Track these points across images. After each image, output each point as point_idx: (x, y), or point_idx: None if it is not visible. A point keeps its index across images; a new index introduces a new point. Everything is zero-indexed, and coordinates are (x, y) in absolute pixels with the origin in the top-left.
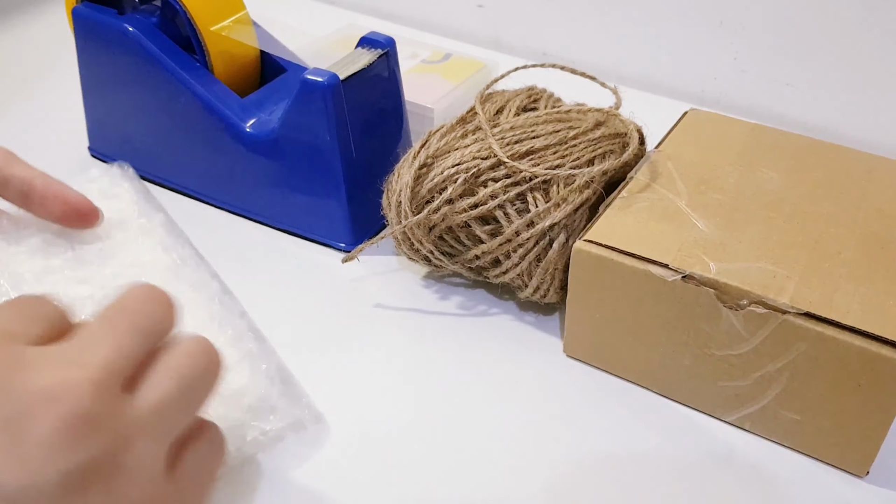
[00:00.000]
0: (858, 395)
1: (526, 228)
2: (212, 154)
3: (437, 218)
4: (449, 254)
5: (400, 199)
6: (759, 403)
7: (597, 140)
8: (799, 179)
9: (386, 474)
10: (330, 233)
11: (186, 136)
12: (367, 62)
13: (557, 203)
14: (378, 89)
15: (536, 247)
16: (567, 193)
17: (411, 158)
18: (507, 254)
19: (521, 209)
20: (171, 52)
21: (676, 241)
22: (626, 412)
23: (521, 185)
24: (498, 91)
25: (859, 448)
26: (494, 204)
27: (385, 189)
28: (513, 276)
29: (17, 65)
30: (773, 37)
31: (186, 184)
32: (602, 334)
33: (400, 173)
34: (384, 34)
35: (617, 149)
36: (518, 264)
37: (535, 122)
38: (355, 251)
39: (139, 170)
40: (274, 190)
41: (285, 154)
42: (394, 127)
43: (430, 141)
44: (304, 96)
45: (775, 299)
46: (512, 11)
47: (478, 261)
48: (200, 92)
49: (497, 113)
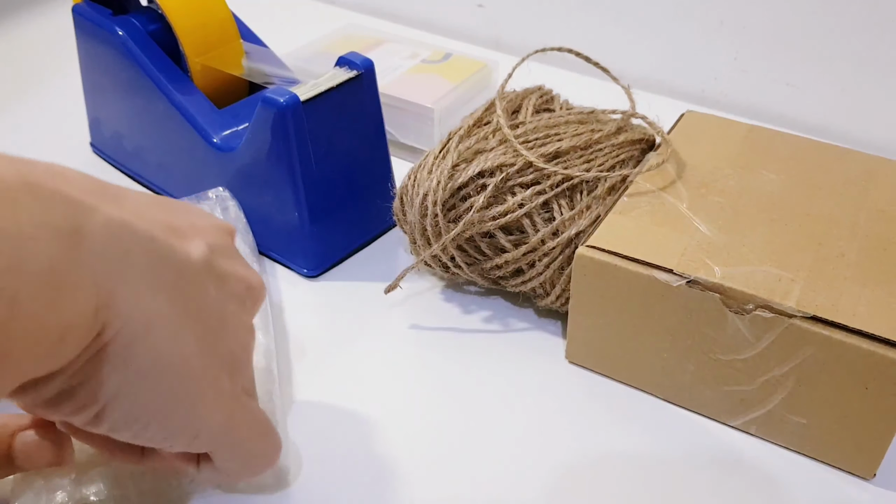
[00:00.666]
0: (865, 398)
1: (552, 237)
2: (186, 163)
3: (463, 227)
4: (467, 263)
5: (426, 205)
6: (765, 407)
7: (619, 145)
8: (799, 181)
9: (387, 475)
10: (292, 256)
11: (165, 142)
12: (334, 84)
13: (582, 210)
14: (350, 111)
15: (562, 255)
16: (591, 201)
17: (432, 160)
18: (531, 263)
19: (547, 217)
20: (155, 58)
21: (680, 246)
22: (630, 417)
23: (547, 193)
24: (509, 91)
25: (866, 450)
26: (522, 212)
27: (400, 195)
28: (535, 285)
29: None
30: (773, 37)
31: (168, 189)
32: (605, 340)
33: (418, 177)
34: (363, 56)
35: (637, 154)
36: (542, 273)
37: (556, 123)
38: (396, 280)
39: (128, 169)
40: (240, 205)
41: (248, 171)
42: (372, 149)
43: (451, 144)
44: (264, 115)
45: (781, 303)
46: (512, 11)
47: (499, 270)
48: (177, 100)
49: (514, 113)
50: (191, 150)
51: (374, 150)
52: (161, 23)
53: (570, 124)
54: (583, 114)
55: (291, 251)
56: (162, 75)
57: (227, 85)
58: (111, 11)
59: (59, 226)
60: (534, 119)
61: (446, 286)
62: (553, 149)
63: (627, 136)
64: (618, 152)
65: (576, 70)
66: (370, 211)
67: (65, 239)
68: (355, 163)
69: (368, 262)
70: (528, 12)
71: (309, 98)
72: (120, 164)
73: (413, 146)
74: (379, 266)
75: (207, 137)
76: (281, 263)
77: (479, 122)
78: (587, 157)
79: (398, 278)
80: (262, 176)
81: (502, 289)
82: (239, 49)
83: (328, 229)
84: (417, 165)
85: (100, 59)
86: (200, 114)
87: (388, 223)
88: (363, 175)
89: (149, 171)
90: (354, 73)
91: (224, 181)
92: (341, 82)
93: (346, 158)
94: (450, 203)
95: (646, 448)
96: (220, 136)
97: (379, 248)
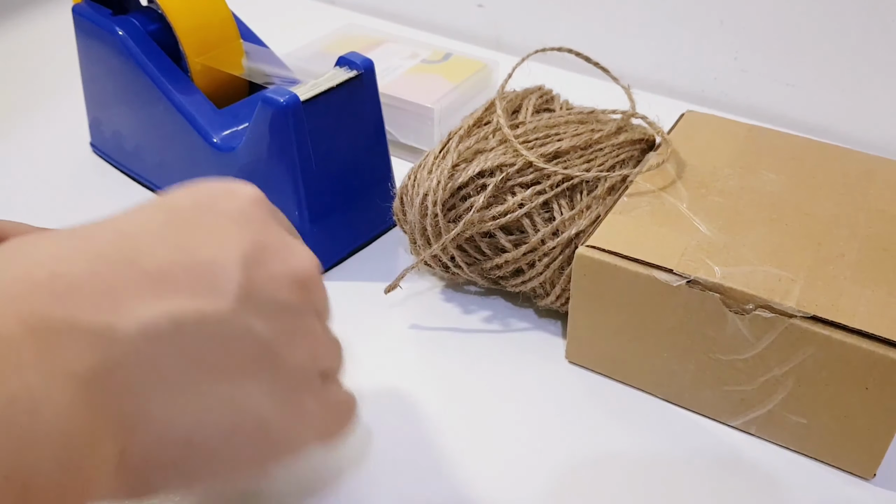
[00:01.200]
0: (865, 398)
1: (552, 237)
2: (185, 163)
3: (462, 227)
4: (467, 263)
5: (426, 205)
6: (765, 407)
7: (619, 145)
8: (799, 181)
9: (386, 475)
10: None
11: (164, 143)
12: (334, 84)
13: (582, 210)
14: (350, 111)
15: (562, 255)
16: (591, 201)
17: (433, 160)
18: (531, 263)
19: (547, 217)
20: (155, 58)
21: (680, 246)
22: (630, 418)
23: (547, 193)
24: (508, 91)
25: (866, 450)
26: (522, 212)
27: (400, 195)
28: (535, 285)
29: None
30: (773, 37)
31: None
32: (605, 340)
33: (418, 177)
34: (363, 56)
35: (637, 154)
36: (542, 273)
37: (557, 123)
38: (396, 280)
39: (128, 168)
40: None
41: (248, 171)
42: (372, 150)
43: (451, 144)
44: (264, 115)
45: (781, 303)
46: (512, 11)
47: (499, 270)
48: (177, 100)
49: (514, 113)
50: (190, 150)
51: (374, 150)
52: (161, 23)
53: (570, 124)
54: (583, 114)
55: None
56: (162, 75)
57: (227, 85)
58: (111, 11)
59: (73, 371)
60: (534, 119)
61: (446, 286)
62: (553, 149)
63: (627, 136)
64: (618, 152)
65: (576, 70)
66: (370, 211)
67: (82, 387)
68: (355, 163)
69: (368, 262)
70: (528, 12)
71: (309, 98)
72: (120, 164)
73: (413, 146)
74: (379, 266)
75: (207, 137)
76: None
77: (479, 122)
78: (587, 157)
79: (398, 278)
80: (262, 176)
81: (502, 289)
82: (239, 49)
83: (328, 229)
84: (418, 165)
85: (100, 59)
86: (200, 114)
87: (388, 223)
88: (363, 175)
89: (148, 171)
90: (354, 73)
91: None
92: (341, 82)
93: (346, 158)
94: (450, 203)
95: (646, 448)
96: (219, 136)
97: (379, 248)
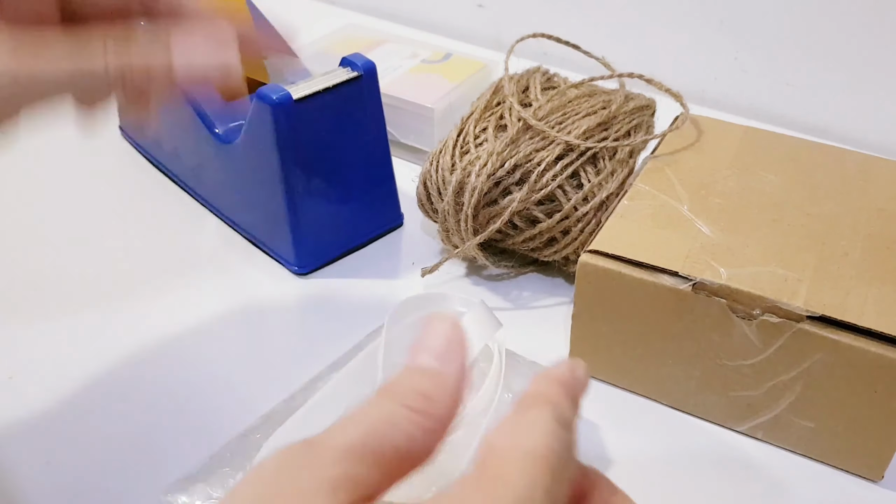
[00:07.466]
0: (874, 401)
1: (583, 202)
2: (193, 152)
3: (508, 215)
4: (495, 240)
5: (462, 201)
6: (773, 412)
7: (630, 112)
8: (798, 181)
9: None
10: (282, 252)
11: (176, 131)
12: (331, 84)
13: (608, 175)
14: (350, 112)
15: (595, 219)
16: (615, 165)
17: (452, 145)
18: (565, 230)
19: (576, 185)
20: None
21: (683, 248)
22: (635, 424)
23: (575, 164)
24: (510, 74)
25: (874, 453)
26: (555, 185)
27: (423, 180)
28: (569, 252)
29: None
30: (773, 37)
31: (181, 177)
32: (608, 347)
33: (440, 163)
34: (365, 57)
35: (646, 119)
36: (577, 238)
37: (568, 100)
38: (434, 266)
39: (149, 154)
40: (237, 197)
41: (245, 164)
42: (373, 151)
43: (468, 127)
44: (258, 111)
45: (789, 303)
46: (512, 11)
47: (532, 242)
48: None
49: (524, 91)
50: (197, 140)
51: (375, 151)
52: None
53: (580, 99)
54: (583, 86)
55: (282, 246)
56: None
57: None
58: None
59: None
60: (542, 97)
61: (448, 286)
62: (584, 128)
63: (635, 103)
64: (630, 118)
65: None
66: (372, 210)
67: None
68: (355, 163)
69: (372, 260)
70: (527, 13)
71: (302, 97)
72: (142, 149)
73: (413, 146)
74: (382, 264)
75: (211, 128)
76: (272, 257)
77: (490, 105)
78: (605, 127)
79: (435, 266)
80: (256, 169)
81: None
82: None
83: (320, 227)
84: (437, 150)
85: None
86: (206, 104)
87: (389, 223)
88: (363, 176)
89: (165, 158)
90: (353, 74)
91: (226, 172)
92: (339, 83)
93: (346, 158)
94: (487, 199)
95: (652, 454)
96: (223, 127)
97: (382, 245)
